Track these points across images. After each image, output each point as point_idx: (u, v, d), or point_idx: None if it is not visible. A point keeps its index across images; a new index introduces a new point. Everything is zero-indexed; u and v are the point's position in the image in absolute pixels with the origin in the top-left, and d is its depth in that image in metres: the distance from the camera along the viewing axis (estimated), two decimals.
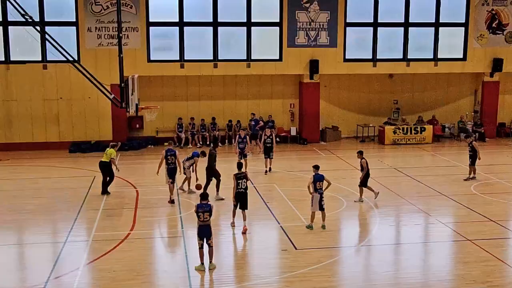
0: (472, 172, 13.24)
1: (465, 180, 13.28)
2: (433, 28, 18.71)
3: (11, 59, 16.87)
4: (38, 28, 13.23)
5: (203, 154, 12.00)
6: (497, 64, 18.64)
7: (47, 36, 12.40)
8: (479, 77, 19.67)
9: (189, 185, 12.08)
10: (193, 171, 12.02)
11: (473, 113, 20.26)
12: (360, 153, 11.14)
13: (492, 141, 19.20)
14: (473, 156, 13.08)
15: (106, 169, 11.86)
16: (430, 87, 20.29)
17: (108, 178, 12.07)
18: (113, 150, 11.99)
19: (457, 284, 6.90)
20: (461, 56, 18.90)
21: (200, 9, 18.16)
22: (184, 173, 11.89)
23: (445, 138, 19.70)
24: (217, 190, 11.01)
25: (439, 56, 18.89)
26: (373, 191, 11.14)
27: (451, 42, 19.70)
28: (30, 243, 9.56)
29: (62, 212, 11.22)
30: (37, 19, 15.70)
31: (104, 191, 11.93)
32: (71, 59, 12.45)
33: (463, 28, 18.62)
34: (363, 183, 11.01)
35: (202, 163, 12.05)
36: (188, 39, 18.16)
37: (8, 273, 7.46)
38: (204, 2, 18.08)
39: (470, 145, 13.37)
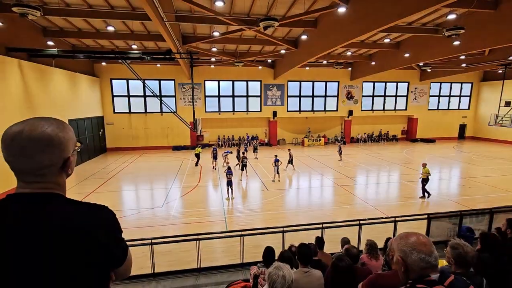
0: (340, 157, 18.51)
1: (339, 160, 18.05)
2: (323, 98, 25.58)
3: (148, 111, 22.72)
4: (159, 97, 17.89)
5: (231, 152, 17.09)
6: (350, 113, 26.02)
7: (163, 101, 16.38)
8: (343, 118, 26.63)
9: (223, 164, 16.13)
10: (226, 158, 16.22)
11: (341, 133, 26.99)
12: (289, 150, 16.45)
13: (348, 145, 25.57)
14: (340, 151, 18.69)
15: (197, 156, 17.38)
16: (323, 122, 26.66)
17: (197, 160, 17.46)
18: (199, 148, 17.92)
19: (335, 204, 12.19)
20: (336, 109, 26.01)
21: (227, 89, 23.90)
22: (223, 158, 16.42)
23: (329, 144, 25.96)
24: (240, 167, 15.08)
25: (326, 109, 25.87)
26: (292, 165, 15.80)
27: (331, 103, 25.89)
28: (155, 188, 13.16)
29: (169, 174, 15.05)
30: (158, 93, 22.03)
31: (196, 164, 17.30)
32: (173, 110, 15.59)
33: (336, 97, 25.82)
34: (291, 162, 15.86)
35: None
36: (222, 102, 23.89)
37: (146, 199, 11.40)
38: (228, 86, 23.89)
39: (339, 146, 19.17)
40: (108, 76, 22.04)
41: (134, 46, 17.09)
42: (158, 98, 18.28)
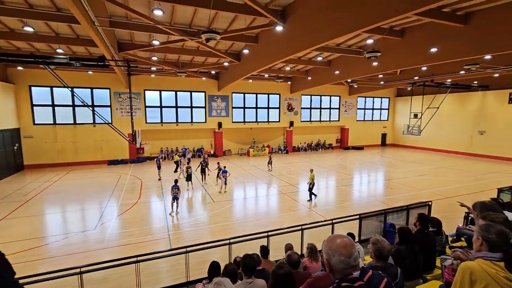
0: (270, 166, 18.84)
1: (268, 171, 18.57)
2: (266, 109, 26.54)
3: (77, 122, 20.53)
4: (90, 107, 16.30)
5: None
6: (291, 124, 27.47)
7: (95, 111, 14.65)
8: (285, 128, 28.04)
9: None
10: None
11: (283, 142, 28.35)
12: (218, 163, 15.42)
13: (290, 153, 27.18)
14: (270, 162, 18.90)
15: (176, 164, 17.78)
16: (266, 132, 27.68)
17: (176, 167, 17.84)
18: (177, 156, 18.11)
19: (284, 209, 13.27)
20: (278, 120, 27.23)
21: (170, 99, 23.05)
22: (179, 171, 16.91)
23: (273, 153, 26.16)
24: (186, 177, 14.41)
25: (270, 120, 26.84)
26: (218, 178, 14.85)
27: (274, 114, 27.08)
28: (86, 208, 11.82)
29: (104, 192, 13.93)
30: (89, 102, 20.32)
31: (175, 171, 17.76)
32: (108, 122, 13.94)
33: (278, 109, 27.08)
34: (218, 175, 14.86)
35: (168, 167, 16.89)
36: (165, 113, 22.92)
37: (75, 222, 10.22)
38: (171, 96, 23.03)
39: (270, 157, 19.30)
40: (26, 83, 19.21)
41: (59, 50, 15.28)
42: (90, 108, 16.60)
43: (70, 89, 13.12)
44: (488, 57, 13.86)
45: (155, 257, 6.04)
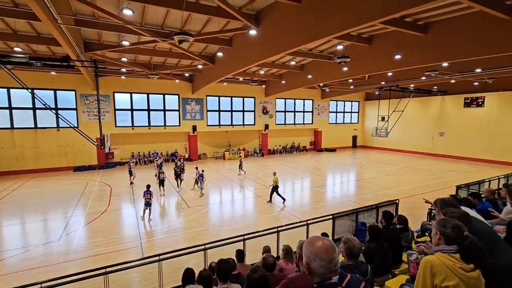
0: (242, 171, 18.37)
1: (238, 174, 18.29)
2: (241, 113, 26.41)
3: (38, 126, 19.18)
4: (54, 111, 15.34)
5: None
6: (266, 127, 27.61)
7: (59, 114, 13.77)
8: (260, 131, 28.17)
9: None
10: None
11: (259, 145, 28.43)
12: (196, 168, 15.39)
13: (266, 156, 27.35)
14: (240, 165, 18.61)
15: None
16: (242, 135, 27.52)
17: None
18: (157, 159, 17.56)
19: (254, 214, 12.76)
20: (253, 123, 27.23)
21: (141, 102, 22.32)
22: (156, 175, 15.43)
23: (249, 156, 26.96)
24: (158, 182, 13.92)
25: (245, 123, 26.45)
26: (197, 185, 14.42)
27: (249, 117, 27.04)
28: (49, 219, 11.00)
29: (69, 200, 13.14)
30: (52, 105, 19.24)
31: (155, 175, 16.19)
32: (73, 125, 13.72)
33: (253, 112, 26.82)
34: (196, 182, 14.51)
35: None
36: (135, 116, 22.11)
37: (36, 234, 9.49)
38: (143, 98, 22.34)
39: (240, 160, 19.05)
40: None
41: (17, 49, 14.14)
42: (53, 111, 15.48)
43: (30, 90, 12.21)
44: (445, 64, 15.04)
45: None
